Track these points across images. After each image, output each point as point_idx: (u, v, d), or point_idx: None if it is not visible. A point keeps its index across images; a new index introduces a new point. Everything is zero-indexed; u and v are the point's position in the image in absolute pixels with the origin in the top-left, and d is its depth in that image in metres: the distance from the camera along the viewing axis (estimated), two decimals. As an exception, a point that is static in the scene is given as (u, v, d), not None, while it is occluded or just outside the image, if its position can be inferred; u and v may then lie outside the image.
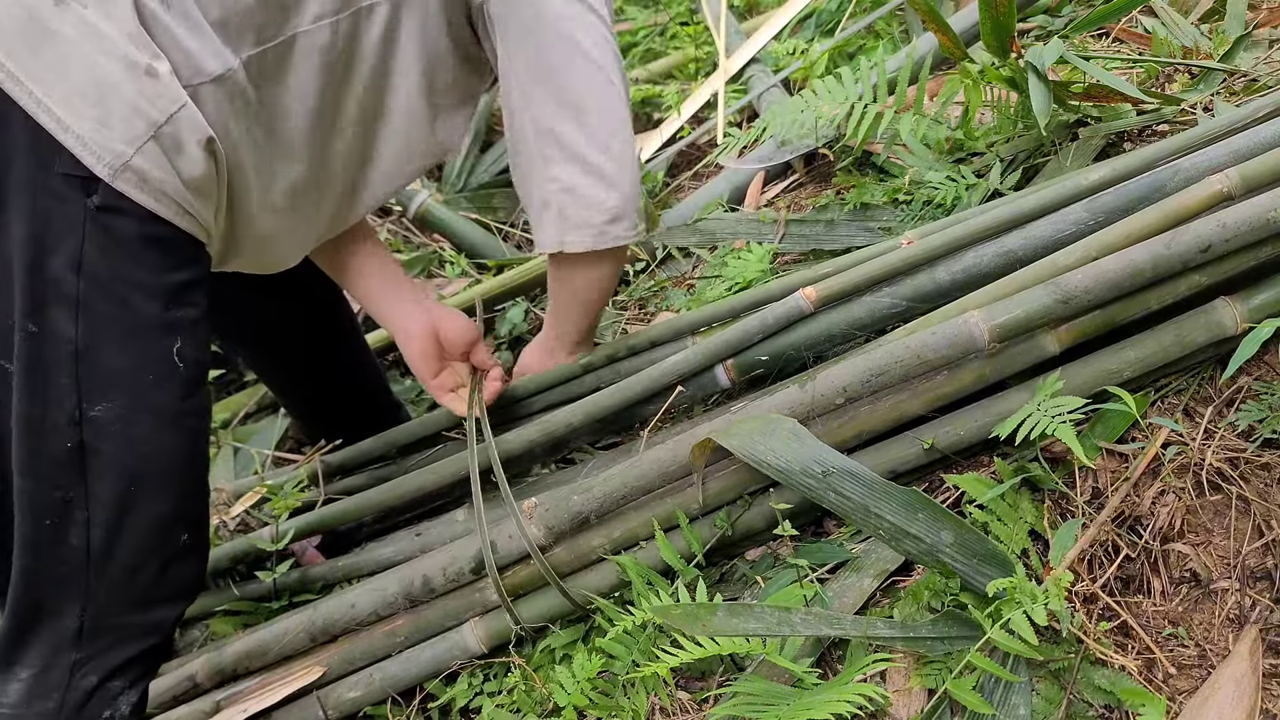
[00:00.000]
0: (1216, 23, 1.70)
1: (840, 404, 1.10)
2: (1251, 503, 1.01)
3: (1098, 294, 1.04)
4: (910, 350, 1.07)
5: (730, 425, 1.09)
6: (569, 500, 1.15)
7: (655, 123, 2.41)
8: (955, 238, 1.23)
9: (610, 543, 1.16)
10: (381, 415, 1.63)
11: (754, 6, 2.70)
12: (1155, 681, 0.95)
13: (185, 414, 1.03)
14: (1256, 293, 1.06)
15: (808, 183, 1.87)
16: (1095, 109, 1.49)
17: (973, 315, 1.07)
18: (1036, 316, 1.05)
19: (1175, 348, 1.06)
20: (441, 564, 1.21)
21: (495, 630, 1.18)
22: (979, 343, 1.06)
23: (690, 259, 1.80)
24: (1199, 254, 1.03)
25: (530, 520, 1.16)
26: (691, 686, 1.09)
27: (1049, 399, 1.02)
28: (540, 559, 1.14)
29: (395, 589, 1.22)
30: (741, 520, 1.14)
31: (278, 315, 1.47)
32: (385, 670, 1.21)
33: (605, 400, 1.30)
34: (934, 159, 1.58)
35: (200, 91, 0.95)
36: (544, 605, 1.17)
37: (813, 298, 1.24)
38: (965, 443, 1.10)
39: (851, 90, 1.61)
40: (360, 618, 1.23)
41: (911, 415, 1.12)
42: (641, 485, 1.14)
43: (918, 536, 0.99)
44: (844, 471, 1.01)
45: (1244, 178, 1.07)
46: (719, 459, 1.13)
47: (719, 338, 1.27)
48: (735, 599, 1.13)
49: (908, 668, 1.00)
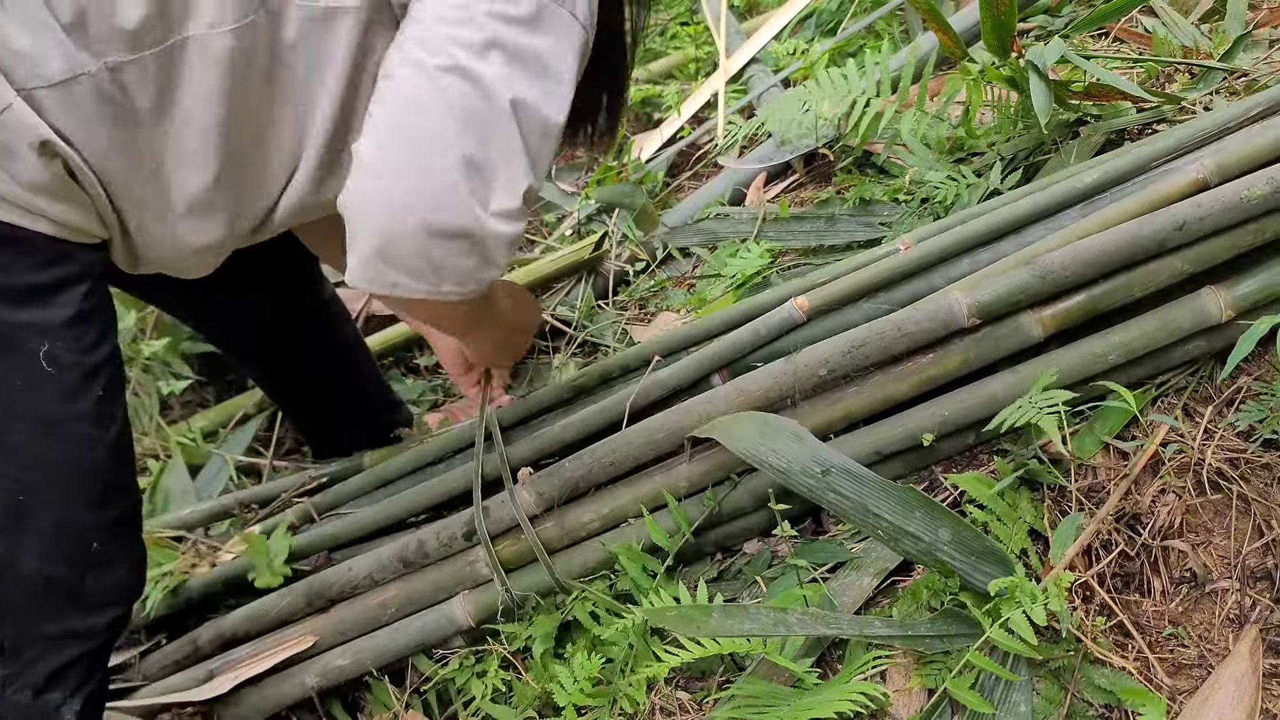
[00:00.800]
0: (1216, 22, 1.70)
1: (823, 375, 1.11)
2: (1251, 502, 1.01)
3: (1075, 270, 1.05)
4: (891, 323, 1.09)
5: (732, 422, 1.10)
6: (561, 466, 1.18)
7: (655, 123, 2.41)
8: (950, 244, 1.22)
9: (599, 519, 1.18)
10: (380, 413, 1.62)
11: (754, 6, 2.70)
12: (1155, 681, 0.94)
13: (70, 420, 0.99)
14: (1241, 281, 1.07)
15: (808, 182, 1.87)
16: (1095, 108, 1.49)
17: (954, 292, 1.09)
18: (1016, 292, 1.07)
19: (1161, 333, 1.07)
20: (436, 529, 1.24)
21: (484, 604, 1.20)
22: (959, 318, 1.08)
23: (690, 259, 1.80)
24: (1175, 232, 1.04)
25: (524, 487, 1.18)
26: (692, 686, 1.09)
27: (1041, 391, 1.02)
28: (528, 527, 1.17)
29: (390, 553, 1.25)
30: (729, 499, 1.15)
31: (249, 314, 1.44)
32: (375, 640, 1.24)
33: (598, 416, 1.27)
34: (934, 158, 1.58)
35: (36, 95, 0.89)
36: (532, 580, 1.19)
37: (805, 307, 1.22)
38: (953, 425, 1.10)
39: (855, 85, 1.61)
40: (356, 581, 1.26)
41: (899, 398, 1.12)
42: (631, 454, 1.16)
43: (916, 535, 0.99)
44: (843, 471, 1.01)
45: (1220, 165, 1.09)
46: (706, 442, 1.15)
47: (711, 350, 1.25)
48: (734, 599, 1.13)
49: (907, 667, 0.99)
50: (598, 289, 1.89)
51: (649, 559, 1.15)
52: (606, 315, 1.77)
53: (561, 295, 1.87)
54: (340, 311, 1.56)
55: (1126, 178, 1.20)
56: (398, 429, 1.61)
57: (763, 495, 1.11)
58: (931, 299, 1.10)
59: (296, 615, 1.30)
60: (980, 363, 1.11)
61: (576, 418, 1.27)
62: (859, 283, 1.22)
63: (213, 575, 1.41)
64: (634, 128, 2.56)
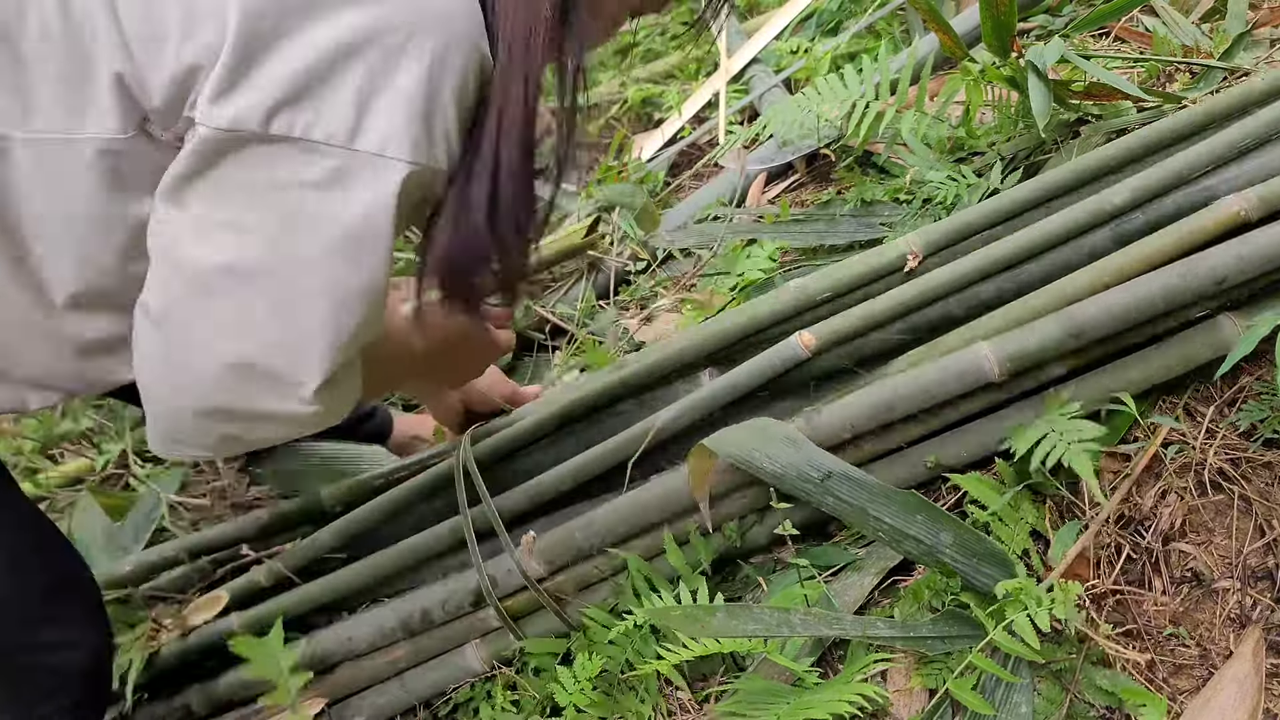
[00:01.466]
0: (1217, 22, 1.69)
1: (845, 438, 1.08)
2: (1253, 502, 1.01)
3: (1110, 327, 1.02)
4: (919, 386, 1.04)
5: (723, 433, 1.09)
6: (571, 536, 1.14)
7: (656, 123, 2.41)
8: (969, 271, 1.15)
9: (610, 569, 1.16)
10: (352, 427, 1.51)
11: (755, 6, 2.70)
12: (1156, 681, 0.94)
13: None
14: (1261, 308, 1.03)
15: (809, 182, 1.87)
16: (1096, 107, 1.49)
17: (983, 348, 1.04)
18: (1050, 349, 1.02)
19: (1179, 365, 1.04)
20: (440, 598, 1.20)
21: (497, 650, 1.19)
22: (989, 376, 1.03)
23: (690, 259, 1.80)
24: (1213, 285, 1.00)
25: (530, 556, 1.15)
26: (692, 686, 1.09)
27: (1064, 420, 0.99)
28: (541, 593, 1.14)
29: (393, 623, 1.21)
30: (748, 535, 1.13)
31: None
32: (387, 693, 1.21)
33: (594, 463, 1.20)
34: (935, 158, 1.58)
35: None
36: (545, 625, 1.17)
37: (811, 345, 1.15)
38: (966, 461, 1.08)
39: (854, 89, 1.61)
40: (359, 650, 1.22)
41: (912, 438, 1.10)
42: (644, 519, 1.13)
43: (917, 538, 0.98)
44: (841, 475, 1.01)
45: (1262, 199, 1.04)
46: (721, 488, 1.12)
47: (706, 392, 1.17)
48: (737, 598, 1.13)
49: (908, 667, 0.99)
50: (599, 288, 1.89)
51: (664, 583, 1.13)
52: (606, 314, 1.77)
53: (562, 294, 1.87)
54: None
55: (1159, 193, 1.14)
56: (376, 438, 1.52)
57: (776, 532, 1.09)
58: (958, 357, 1.04)
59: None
60: (999, 405, 1.08)
61: (570, 467, 1.20)
62: (868, 316, 1.15)
63: (187, 645, 1.31)
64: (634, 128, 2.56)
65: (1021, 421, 1.04)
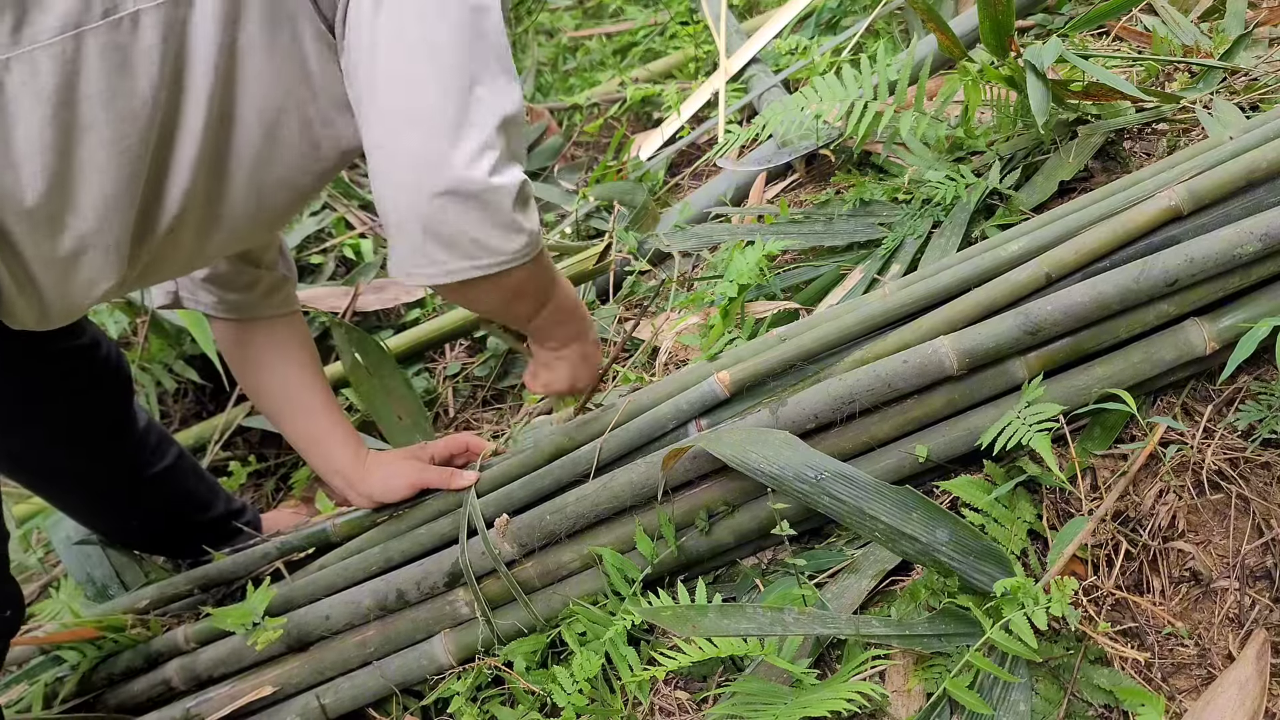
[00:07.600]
0: (1217, 21, 1.69)
1: (810, 428, 1.11)
2: (1251, 502, 1.01)
3: (1066, 325, 1.06)
4: (880, 379, 1.09)
5: (719, 434, 1.09)
6: (542, 519, 1.18)
7: (655, 122, 2.41)
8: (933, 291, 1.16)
9: (580, 559, 1.18)
10: (223, 522, 1.52)
11: (754, 6, 2.70)
12: (1154, 680, 0.94)
13: None
14: (1225, 314, 1.06)
15: (808, 182, 1.87)
16: (1095, 107, 1.49)
17: (942, 343, 1.08)
18: (1006, 346, 1.07)
19: (1145, 365, 1.07)
20: (415, 577, 1.23)
21: (465, 643, 1.20)
22: (947, 369, 1.08)
23: (690, 258, 1.80)
24: (1165, 287, 1.04)
25: (502, 537, 1.18)
26: (691, 687, 1.09)
27: (1028, 406, 1.02)
28: (507, 574, 1.17)
29: (369, 601, 1.24)
30: (737, 524, 1.14)
31: (60, 464, 1.34)
32: (355, 679, 1.23)
33: (570, 469, 1.21)
34: (934, 158, 1.58)
35: None
36: (515, 618, 1.19)
37: (726, 382, 1.17)
38: (938, 459, 1.10)
39: (852, 89, 1.61)
40: (335, 628, 1.26)
41: (882, 438, 1.13)
42: (615, 505, 1.15)
43: (913, 536, 0.98)
44: (837, 475, 1.01)
45: (1192, 193, 1.08)
46: (694, 477, 1.14)
47: (634, 428, 1.19)
48: (733, 598, 1.13)
49: (906, 667, 0.99)
50: (599, 287, 1.89)
51: (632, 567, 1.14)
52: (604, 315, 1.77)
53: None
54: (157, 440, 1.45)
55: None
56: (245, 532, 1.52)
57: (767, 519, 1.11)
58: (919, 350, 1.09)
59: (273, 656, 1.27)
60: (965, 403, 1.11)
61: (549, 469, 1.22)
62: (782, 357, 1.17)
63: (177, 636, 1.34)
64: (633, 127, 2.56)
65: (988, 421, 1.07)
